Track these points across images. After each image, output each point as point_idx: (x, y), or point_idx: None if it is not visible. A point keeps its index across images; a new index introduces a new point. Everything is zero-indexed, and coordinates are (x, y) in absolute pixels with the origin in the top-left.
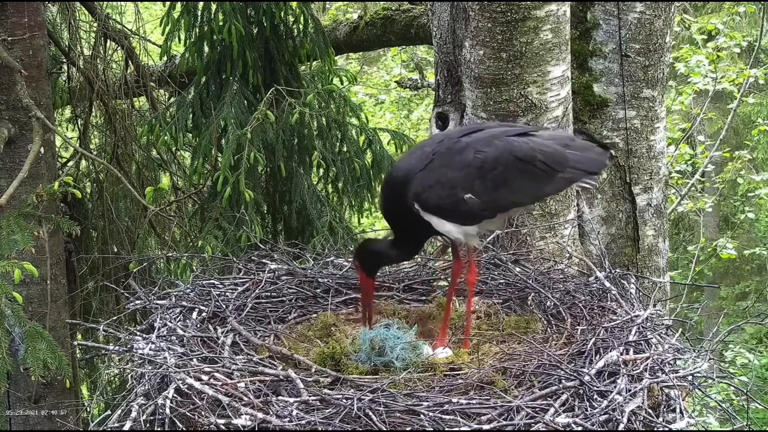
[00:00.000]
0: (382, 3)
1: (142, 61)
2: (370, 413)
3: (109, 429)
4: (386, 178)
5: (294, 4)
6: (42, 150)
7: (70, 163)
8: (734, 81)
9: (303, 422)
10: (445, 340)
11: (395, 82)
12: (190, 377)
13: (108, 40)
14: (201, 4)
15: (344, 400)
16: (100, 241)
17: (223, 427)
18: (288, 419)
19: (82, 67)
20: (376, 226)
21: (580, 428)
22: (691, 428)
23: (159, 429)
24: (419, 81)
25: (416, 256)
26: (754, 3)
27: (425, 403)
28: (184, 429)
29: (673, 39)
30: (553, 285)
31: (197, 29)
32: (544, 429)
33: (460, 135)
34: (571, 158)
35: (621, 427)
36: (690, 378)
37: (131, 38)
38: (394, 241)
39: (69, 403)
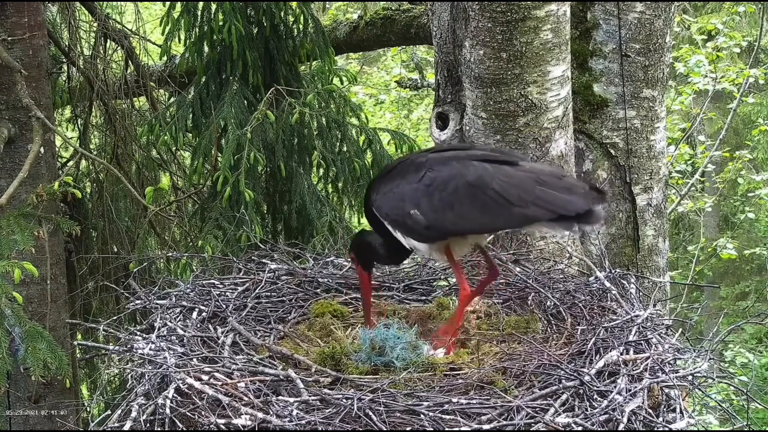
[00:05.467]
0: (382, 3)
1: (142, 61)
2: (370, 413)
3: (109, 429)
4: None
5: (294, 4)
6: (42, 150)
7: (70, 163)
8: (734, 81)
9: (303, 422)
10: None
11: (395, 82)
12: (190, 377)
13: (108, 40)
14: (201, 4)
15: (344, 400)
16: (100, 241)
17: (223, 427)
18: (288, 419)
19: (82, 67)
20: None
21: (580, 428)
22: (691, 428)
23: (159, 429)
24: (419, 81)
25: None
26: (754, 3)
27: (425, 403)
28: (184, 429)
29: (673, 39)
30: (553, 285)
31: (197, 29)
32: (544, 429)
33: (433, 150)
34: (540, 195)
35: (621, 427)
36: (690, 378)
37: (131, 38)
38: (384, 242)
39: (69, 403)
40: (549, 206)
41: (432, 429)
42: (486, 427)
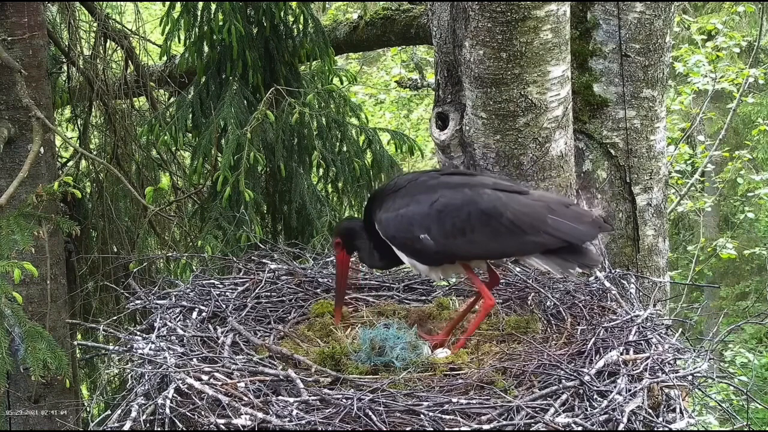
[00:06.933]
0: (382, 3)
1: (142, 61)
2: (370, 413)
3: (109, 429)
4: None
5: (294, 4)
6: (42, 150)
7: (70, 163)
8: (734, 81)
9: (303, 422)
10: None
11: (395, 82)
12: (190, 377)
13: (108, 40)
14: (201, 4)
15: (344, 400)
16: (100, 241)
17: (223, 427)
18: (288, 419)
19: (82, 67)
20: None
21: (580, 428)
22: (691, 428)
23: (159, 429)
24: (419, 81)
25: None
26: (753, 3)
27: (425, 403)
28: (184, 429)
29: (673, 39)
30: (553, 285)
31: (197, 29)
32: (544, 429)
33: (442, 173)
34: (551, 224)
35: (621, 427)
36: (690, 378)
37: (131, 38)
38: (375, 248)
39: (69, 403)
40: (560, 234)
41: (432, 429)
42: (486, 427)
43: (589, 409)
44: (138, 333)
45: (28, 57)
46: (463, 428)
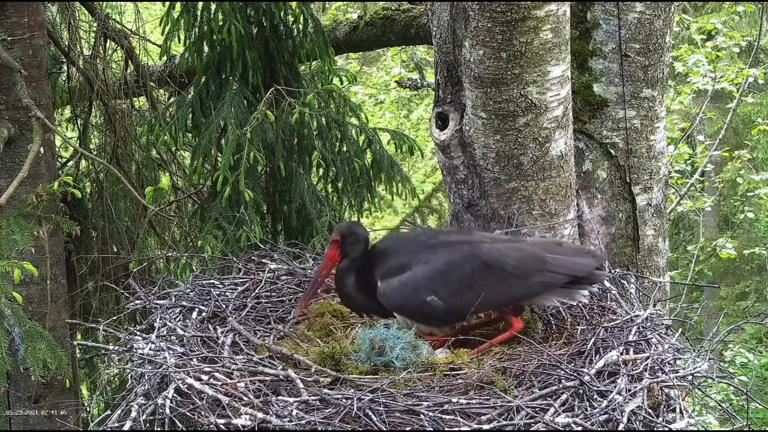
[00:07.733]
0: (381, 3)
1: (142, 61)
2: (370, 413)
3: (109, 429)
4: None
5: (294, 4)
6: (42, 150)
7: (70, 163)
8: (733, 81)
9: (303, 422)
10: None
11: (395, 82)
12: (190, 377)
13: (108, 40)
14: (201, 4)
15: (344, 400)
16: (100, 241)
17: (223, 427)
18: (288, 419)
19: (82, 67)
20: (375, 226)
21: (580, 428)
22: (691, 428)
23: (159, 429)
24: (419, 81)
25: None
26: (753, 3)
27: (425, 403)
28: (184, 429)
29: (673, 39)
30: None
31: (197, 29)
32: (544, 429)
33: (440, 232)
34: (552, 262)
35: (621, 427)
36: (690, 378)
37: (131, 38)
38: (363, 293)
39: (69, 403)
40: (563, 270)
41: (432, 429)
42: (486, 427)
43: (589, 409)
44: (138, 333)
45: (28, 57)
46: (463, 428)
